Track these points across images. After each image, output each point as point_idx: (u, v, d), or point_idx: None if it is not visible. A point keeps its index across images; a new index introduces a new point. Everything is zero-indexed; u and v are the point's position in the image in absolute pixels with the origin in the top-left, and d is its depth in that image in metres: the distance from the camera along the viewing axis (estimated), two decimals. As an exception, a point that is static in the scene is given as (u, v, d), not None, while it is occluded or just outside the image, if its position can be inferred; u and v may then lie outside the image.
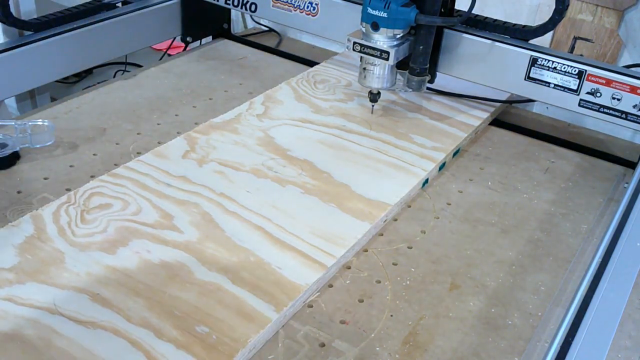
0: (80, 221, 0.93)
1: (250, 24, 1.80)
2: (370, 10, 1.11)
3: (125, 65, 1.74)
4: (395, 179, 1.08)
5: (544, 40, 1.28)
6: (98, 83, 1.43)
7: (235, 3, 1.45)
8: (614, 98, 1.10)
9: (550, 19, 1.12)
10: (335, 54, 1.53)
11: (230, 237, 0.92)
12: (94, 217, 0.94)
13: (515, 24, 1.20)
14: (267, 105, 1.26)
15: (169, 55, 1.63)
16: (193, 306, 0.81)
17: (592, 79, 1.11)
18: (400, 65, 1.18)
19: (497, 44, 1.18)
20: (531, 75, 1.16)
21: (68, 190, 1.02)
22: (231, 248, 0.90)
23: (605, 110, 1.12)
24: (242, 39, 1.63)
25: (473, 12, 1.12)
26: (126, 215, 0.95)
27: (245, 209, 0.98)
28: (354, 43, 1.15)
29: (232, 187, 1.03)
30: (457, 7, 1.20)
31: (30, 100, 1.55)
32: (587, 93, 1.12)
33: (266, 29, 1.73)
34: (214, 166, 1.07)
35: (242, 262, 0.88)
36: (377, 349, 0.80)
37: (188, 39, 1.56)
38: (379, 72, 1.17)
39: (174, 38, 1.61)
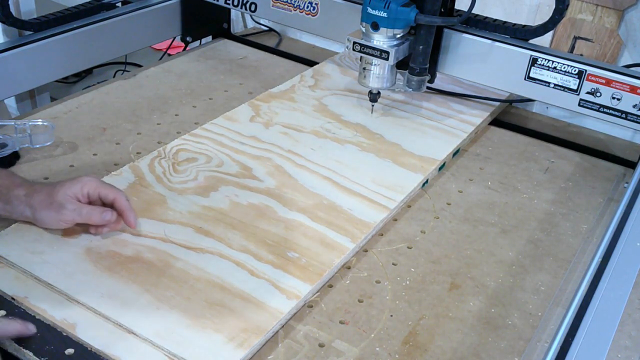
0: (173, 171, 1.06)
1: (250, 24, 1.80)
2: (370, 10, 1.11)
3: (125, 65, 1.74)
4: (439, 139, 1.21)
5: (544, 40, 1.28)
6: (98, 83, 1.43)
7: (235, 3, 1.45)
8: (613, 98, 1.10)
9: (550, 18, 1.12)
10: (336, 53, 1.53)
11: (303, 185, 1.05)
12: (184, 169, 1.07)
13: (515, 24, 1.19)
14: (316, 78, 1.39)
15: (169, 55, 1.63)
16: (282, 237, 0.94)
17: (592, 78, 1.11)
18: (400, 65, 1.18)
19: (497, 43, 1.18)
20: (531, 75, 1.16)
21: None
22: (305, 193, 1.03)
23: (605, 110, 1.12)
24: (242, 39, 1.63)
25: (473, 11, 1.12)
26: (211, 167, 1.08)
27: (312, 162, 1.11)
28: (354, 43, 1.15)
29: (298, 145, 1.16)
30: (457, 7, 1.20)
31: (30, 100, 1.55)
32: (587, 93, 1.12)
33: (266, 28, 1.73)
34: (279, 128, 1.20)
35: (317, 205, 1.01)
36: (377, 349, 0.80)
37: (188, 38, 1.56)
38: (379, 72, 1.17)
39: (174, 38, 1.61)
